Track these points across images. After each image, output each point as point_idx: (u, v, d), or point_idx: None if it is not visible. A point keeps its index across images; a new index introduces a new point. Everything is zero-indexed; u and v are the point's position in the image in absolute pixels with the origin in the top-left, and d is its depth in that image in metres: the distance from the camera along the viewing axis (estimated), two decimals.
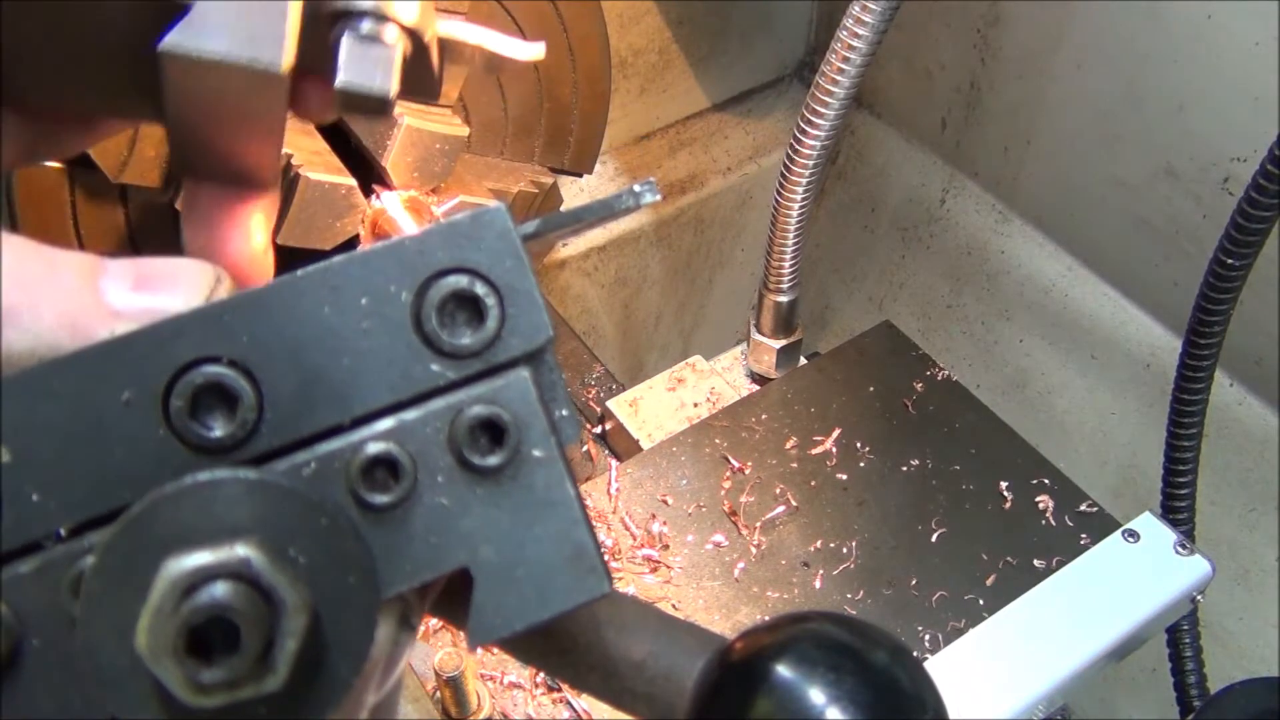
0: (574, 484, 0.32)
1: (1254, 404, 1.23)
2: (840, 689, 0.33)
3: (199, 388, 0.29)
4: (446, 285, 0.31)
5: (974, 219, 1.49)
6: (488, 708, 0.83)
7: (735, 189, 1.63)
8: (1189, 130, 1.17)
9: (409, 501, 0.30)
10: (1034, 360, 1.45)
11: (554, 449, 0.31)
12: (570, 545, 0.32)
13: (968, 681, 0.81)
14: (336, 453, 0.30)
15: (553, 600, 0.32)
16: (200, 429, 0.29)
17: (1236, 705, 0.85)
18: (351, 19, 0.39)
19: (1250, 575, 1.27)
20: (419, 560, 0.30)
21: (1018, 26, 1.32)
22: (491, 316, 0.31)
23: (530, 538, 0.31)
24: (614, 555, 0.93)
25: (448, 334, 0.31)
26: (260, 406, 0.30)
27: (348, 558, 0.28)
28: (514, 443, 0.31)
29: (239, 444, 0.29)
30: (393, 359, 0.31)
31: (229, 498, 0.28)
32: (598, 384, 1.22)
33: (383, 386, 0.31)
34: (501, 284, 0.31)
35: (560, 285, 1.52)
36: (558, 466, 0.31)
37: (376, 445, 0.30)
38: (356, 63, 0.38)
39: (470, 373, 0.31)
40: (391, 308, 0.31)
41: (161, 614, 0.26)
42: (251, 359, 0.30)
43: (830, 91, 0.94)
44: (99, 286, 0.31)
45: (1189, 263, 1.20)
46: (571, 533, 0.32)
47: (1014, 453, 1.01)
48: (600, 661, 0.37)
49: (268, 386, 0.30)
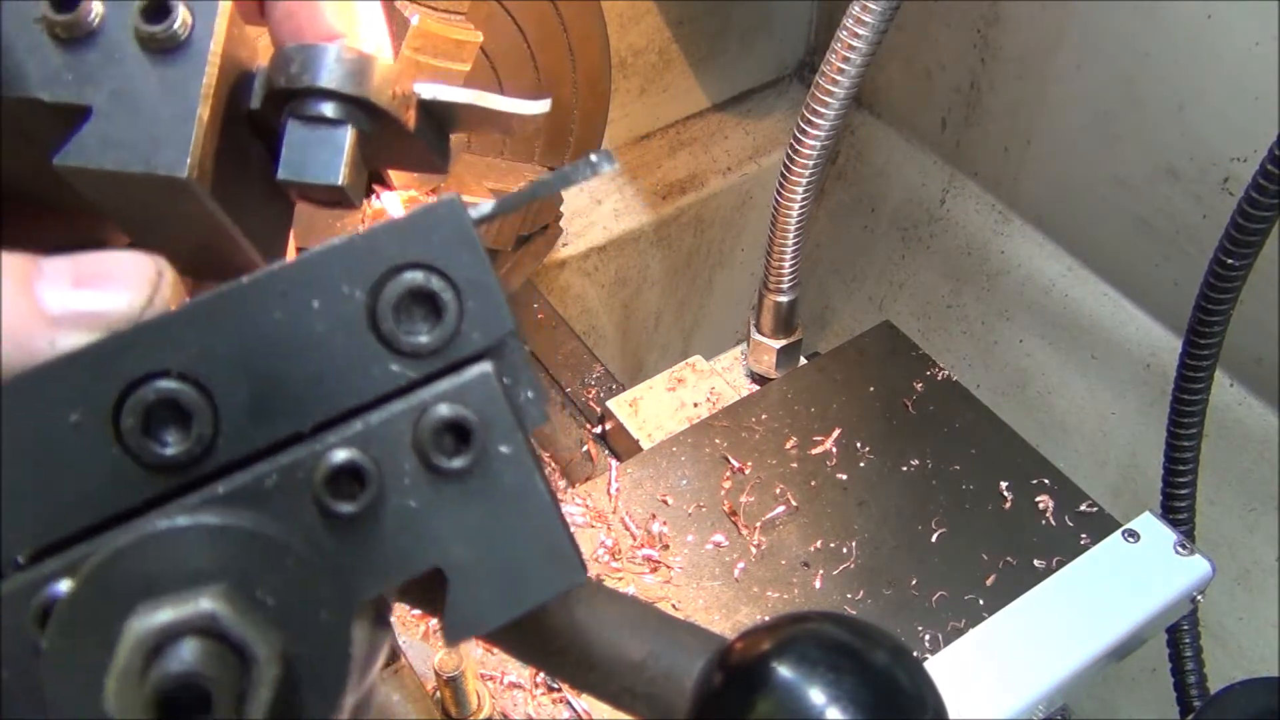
0: (542, 475, 0.31)
1: (1254, 404, 1.23)
2: (840, 689, 0.33)
3: (150, 404, 0.28)
4: (401, 283, 0.30)
5: (974, 219, 1.49)
6: (488, 708, 0.83)
7: (735, 189, 1.63)
8: (1189, 130, 1.17)
9: (376, 507, 0.30)
10: (1034, 360, 1.45)
11: (521, 444, 0.31)
12: (542, 538, 0.31)
13: (968, 681, 0.81)
14: (299, 462, 0.29)
15: (527, 594, 0.31)
16: (155, 446, 0.28)
17: (1236, 705, 0.85)
18: (299, 99, 0.35)
19: (1250, 575, 1.27)
20: (389, 563, 0.30)
21: (1018, 26, 1.32)
22: (449, 312, 0.30)
23: (501, 533, 0.31)
24: (614, 555, 0.93)
25: (405, 333, 0.30)
26: (216, 419, 0.29)
27: (318, 596, 0.28)
28: (480, 443, 0.30)
29: (196, 459, 0.29)
30: (350, 362, 0.30)
31: (192, 544, 0.27)
32: (598, 384, 1.22)
33: (342, 391, 0.30)
34: (458, 278, 0.30)
35: (560, 285, 1.52)
36: (525, 461, 0.31)
37: (340, 454, 0.29)
38: (299, 151, 0.35)
39: (431, 370, 0.30)
40: (345, 309, 0.29)
41: (129, 678, 0.25)
42: (203, 371, 0.28)
43: (830, 91, 0.94)
44: (35, 291, 0.29)
45: (1189, 263, 1.20)
46: (542, 525, 0.31)
47: (1014, 453, 1.01)
48: (600, 661, 0.37)
49: (222, 398, 0.29)
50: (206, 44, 0.34)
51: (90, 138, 0.33)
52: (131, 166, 0.33)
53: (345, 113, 0.35)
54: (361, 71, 0.35)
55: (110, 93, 0.33)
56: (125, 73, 0.33)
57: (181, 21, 0.34)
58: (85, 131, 0.33)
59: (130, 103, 0.33)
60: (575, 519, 0.96)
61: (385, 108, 0.36)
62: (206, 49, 0.34)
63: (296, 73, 0.35)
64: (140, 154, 0.33)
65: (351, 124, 0.35)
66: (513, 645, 0.39)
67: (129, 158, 0.33)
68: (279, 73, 0.35)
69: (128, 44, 0.34)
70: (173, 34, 0.33)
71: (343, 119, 0.35)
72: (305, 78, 0.35)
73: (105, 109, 0.33)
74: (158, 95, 0.33)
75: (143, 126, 0.33)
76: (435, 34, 0.88)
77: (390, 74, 0.36)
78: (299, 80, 0.35)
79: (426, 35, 0.87)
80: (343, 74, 0.35)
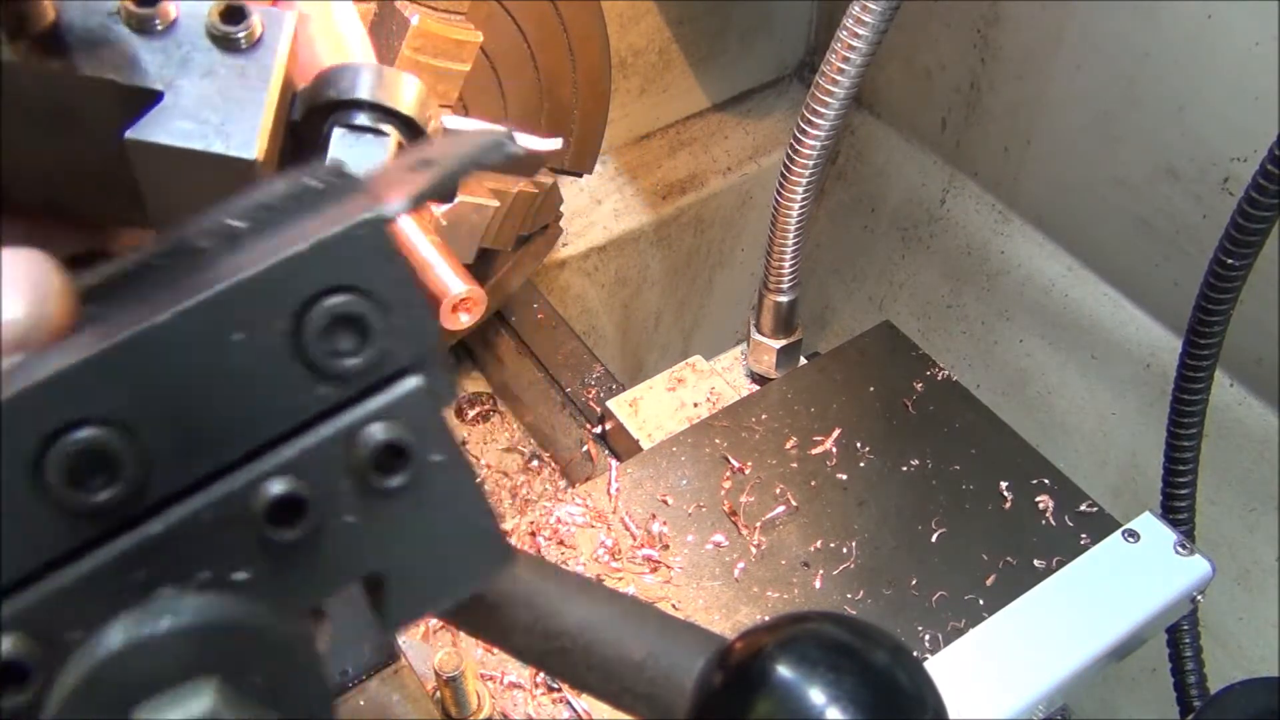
0: (470, 472, 0.32)
1: (1254, 404, 1.23)
2: (840, 689, 0.33)
3: (73, 456, 0.27)
4: (326, 309, 0.29)
5: (974, 219, 1.49)
6: (488, 708, 0.83)
7: (735, 189, 1.63)
8: (1189, 130, 1.17)
9: (317, 530, 0.30)
10: (1034, 360, 1.45)
11: (453, 449, 0.31)
12: (473, 530, 0.32)
13: (968, 681, 0.81)
14: (236, 494, 0.29)
15: (461, 582, 0.32)
16: (83, 496, 0.27)
17: (1236, 705, 0.85)
18: (344, 109, 0.38)
19: (1250, 575, 1.27)
20: (331, 574, 0.30)
21: (1018, 26, 1.32)
22: (376, 332, 0.30)
23: (437, 532, 0.31)
24: (614, 555, 0.93)
25: (331, 357, 0.29)
26: (146, 460, 0.28)
27: (304, 670, 0.28)
28: (417, 461, 0.30)
29: (127, 501, 0.28)
30: (278, 391, 0.29)
31: (178, 645, 0.27)
32: (598, 384, 1.22)
33: (272, 421, 0.29)
34: (384, 296, 0.30)
35: (560, 285, 1.52)
36: (457, 463, 0.31)
37: (277, 485, 0.29)
38: (345, 152, 0.37)
39: (361, 388, 0.30)
40: (268, 340, 0.29)
41: None
42: (126, 415, 0.28)
43: (830, 91, 0.94)
44: None
45: (1189, 263, 1.20)
46: (474, 519, 0.32)
47: (1014, 453, 1.01)
48: (600, 661, 0.37)
49: (150, 439, 0.28)
50: (274, 48, 0.37)
51: (163, 115, 0.36)
52: (202, 145, 0.36)
53: (387, 123, 0.38)
54: (401, 89, 0.38)
55: (184, 82, 0.36)
56: (199, 65, 0.37)
57: (255, 27, 0.37)
58: (158, 110, 0.36)
59: (202, 92, 0.36)
60: (575, 519, 0.96)
61: (419, 123, 0.39)
62: (274, 52, 0.37)
63: (346, 87, 0.38)
64: (211, 135, 0.36)
65: (392, 134, 0.38)
66: (511, 647, 0.39)
67: (200, 137, 0.36)
68: (325, 87, 0.38)
69: (200, 40, 0.37)
70: (247, 35, 0.37)
71: (385, 129, 0.38)
72: (353, 92, 0.38)
73: (177, 95, 0.36)
74: (229, 88, 0.36)
75: (214, 113, 0.36)
76: (435, 34, 0.88)
77: (423, 94, 0.39)
78: (347, 93, 0.38)
79: (426, 35, 0.87)
80: (386, 90, 0.38)
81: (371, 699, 0.66)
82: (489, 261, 1.13)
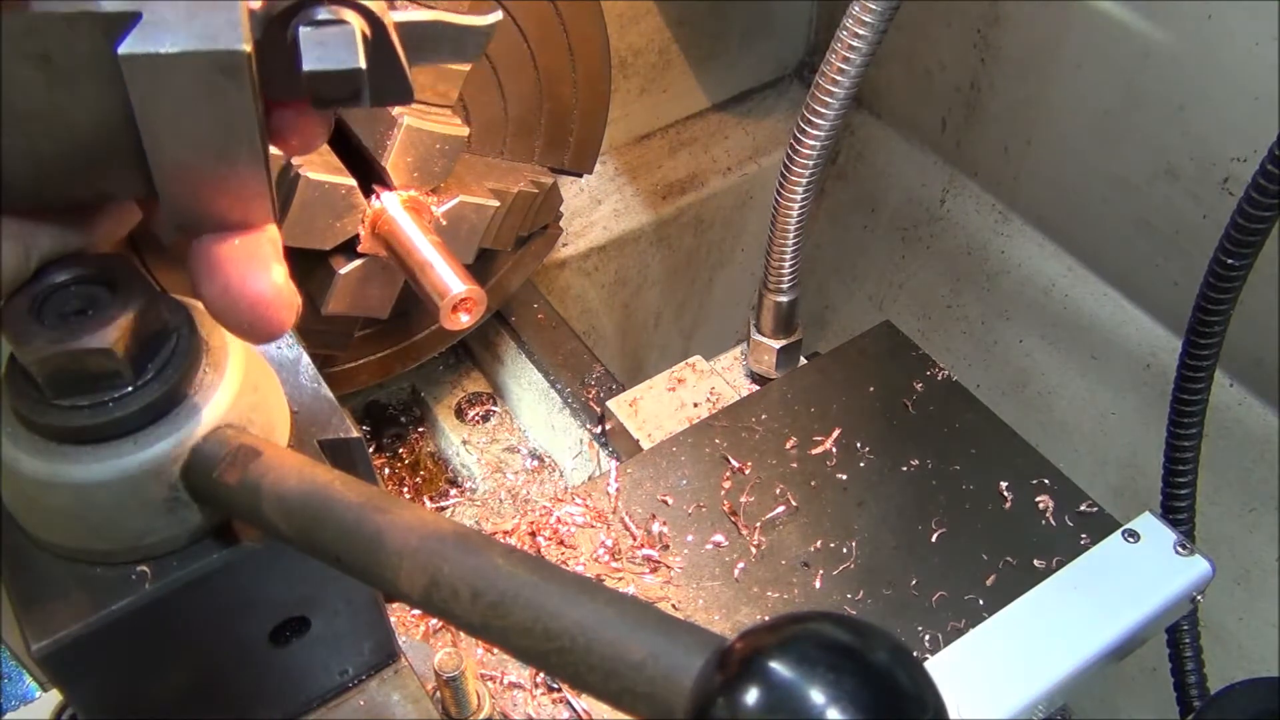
0: None
1: (1254, 404, 1.23)
2: (840, 689, 0.33)
3: None
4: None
5: (974, 219, 1.49)
6: (488, 708, 0.83)
7: (735, 189, 1.63)
8: (1189, 130, 1.17)
9: None
10: (1034, 360, 1.45)
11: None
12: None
13: (968, 681, 0.81)
14: None
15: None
16: None
17: (1236, 705, 0.85)
18: (304, 10, 0.39)
19: (1250, 575, 1.27)
20: None
21: (1018, 26, 1.32)
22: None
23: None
24: (614, 555, 0.93)
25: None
26: None
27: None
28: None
29: None
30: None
31: None
32: (598, 384, 1.22)
33: None
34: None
35: (560, 285, 1.52)
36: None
37: None
38: (318, 47, 0.38)
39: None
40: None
41: None
42: None
43: (830, 91, 0.94)
44: None
45: (1189, 263, 1.20)
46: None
47: (1014, 453, 1.01)
48: (600, 661, 0.37)
49: None
50: None
51: (148, 29, 0.37)
52: (192, 48, 0.37)
53: (349, 14, 0.39)
54: None
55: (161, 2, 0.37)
56: None
57: None
58: (142, 25, 0.37)
59: (175, 4, 0.37)
60: (575, 519, 0.96)
61: (377, 13, 0.40)
62: None
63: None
64: (197, 39, 0.37)
65: (355, 22, 0.39)
66: (513, 649, 0.39)
67: (188, 42, 0.37)
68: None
69: None
70: None
71: (346, 19, 0.39)
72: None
73: (153, 11, 0.37)
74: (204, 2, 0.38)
75: (192, 20, 0.37)
76: None
77: (381, 4, 0.41)
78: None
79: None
80: None
81: (371, 699, 0.66)
82: (489, 261, 1.13)
